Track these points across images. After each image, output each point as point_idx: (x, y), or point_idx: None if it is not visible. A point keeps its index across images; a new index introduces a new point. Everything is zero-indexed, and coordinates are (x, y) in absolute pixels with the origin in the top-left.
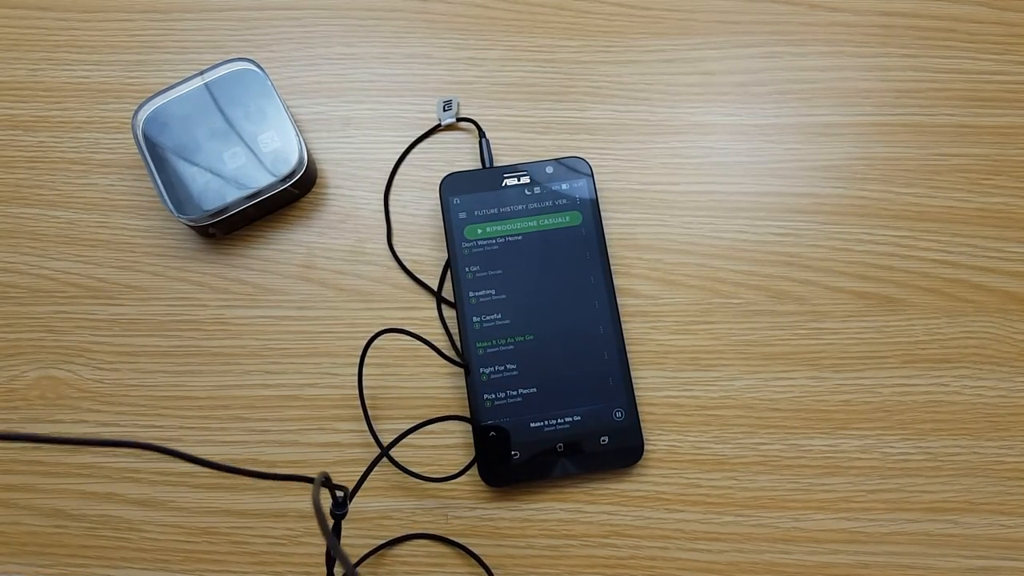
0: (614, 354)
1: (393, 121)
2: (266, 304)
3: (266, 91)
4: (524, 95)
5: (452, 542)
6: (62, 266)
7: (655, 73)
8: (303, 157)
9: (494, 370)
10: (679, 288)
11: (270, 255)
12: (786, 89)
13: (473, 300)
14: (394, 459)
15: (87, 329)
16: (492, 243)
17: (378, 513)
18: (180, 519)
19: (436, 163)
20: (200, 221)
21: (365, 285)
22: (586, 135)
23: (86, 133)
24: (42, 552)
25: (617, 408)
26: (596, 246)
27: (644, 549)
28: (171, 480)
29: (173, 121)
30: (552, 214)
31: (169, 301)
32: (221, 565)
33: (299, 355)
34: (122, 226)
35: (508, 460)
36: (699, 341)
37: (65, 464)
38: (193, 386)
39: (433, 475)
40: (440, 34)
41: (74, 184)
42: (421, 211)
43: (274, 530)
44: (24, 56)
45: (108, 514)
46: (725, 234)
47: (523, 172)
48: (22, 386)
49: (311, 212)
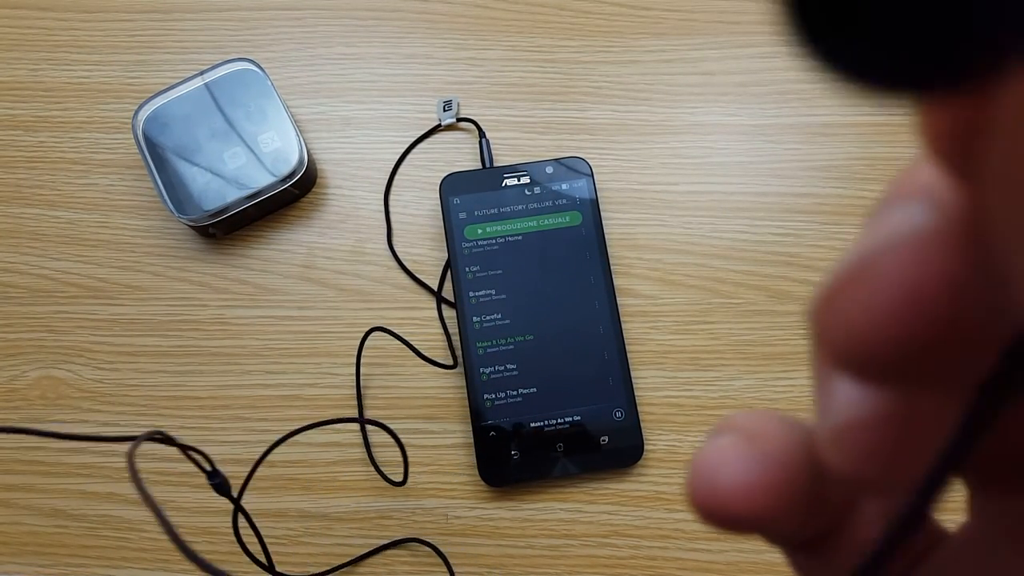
0: (614, 354)
1: (393, 121)
2: (266, 304)
3: (266, 91)
4: (524, 95)
5: (436, 549)
6: (62, 266)
7: (655, 73)
8: (303, 157)
9: (494, 370)
10: (679, 288)
11: (270, 255)
12: (786, 89)
13: (473, 300)
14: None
15: (87, 329)
16: (492, 243)
17: (378, 513)
18: (180, 519)
19: (436, 163)
20: (200, 221)
21: (365, 285)
22: (586, 135)
23: (86, 133)
24: (42, 552)
25: (617, 408)
26: (596, 246)
27: (644, 549)
28: (171, 480)
29: (173, 121)
30: (552, 214)
31: (169, 301)
32: (221, 565)
33: (299, 355)
34: (122, 226)
35: (508, 460)
36: (699, 341)
37: (65, 464)
38: (193, 386)
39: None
40: (440, 34)
41: (74, 184)
42: (421, 211)
43: (274, 530)
44: (24, 56)
45: (108, 514)
46: (725, 234)
47: (523, 172)
48: (22, 386)
49: (311, 212)
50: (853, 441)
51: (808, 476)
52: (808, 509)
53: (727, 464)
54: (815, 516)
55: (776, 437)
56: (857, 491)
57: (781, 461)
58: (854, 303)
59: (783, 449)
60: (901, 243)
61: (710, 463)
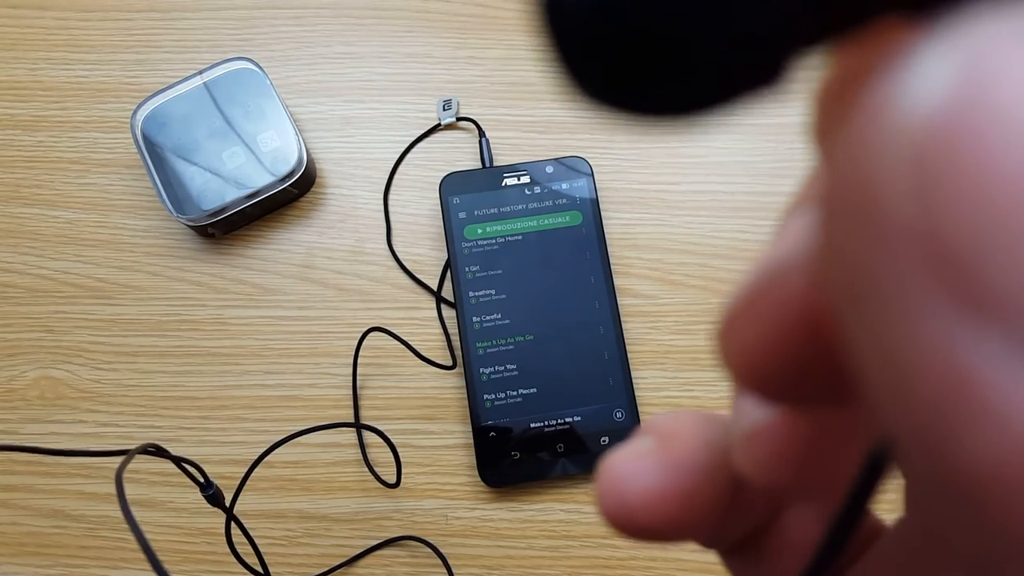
0: (614, 354)
1: (393, 121)
2: (266, 304)
3: (265, 91)
4: (524, 95)
5: (434, 548)
6: (61, 266)
7: None
8: (302, 157)
9: (494, 370)
10: (679, 288)
11: (270, 255)
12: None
13: (473, 300)
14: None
15: (86, 329)
16: (492, 243)
17: (377, 514)
18: (180, 519)
19: (436, 163)
20: (199, 221)
21: (365, 285)
22: (586, 135)
23: (85, 133)
24: (42, 552)
25: (617, 408)
26: (596, 246)
27: (644, 549)
28: (171, 480)
29: (172, 121)
30: (552, 214)
31: (168, 301)
32: (221, 565)
33: (298, 355)
34: (121, 226)
35: (508, 460)
36: (699, 341)
37: (65, 464)
38: (192, 386)
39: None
40: (440, 34)
41: (73, 184)
42: (421, 211)
43: (273, 531)
44: (23, 56)
45: (108, 514)
46: (725, 234)
47: (523, 172)
48: (21, 386)
49: (311, 212)
50: (759, 448)
51: (723, 479)
52: (726, 513)
53: (634, 472)
54: (736, 519)
55: (689, 440)
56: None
57: (691, 466)
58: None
59: (695, 453)
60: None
61: (618, 471)
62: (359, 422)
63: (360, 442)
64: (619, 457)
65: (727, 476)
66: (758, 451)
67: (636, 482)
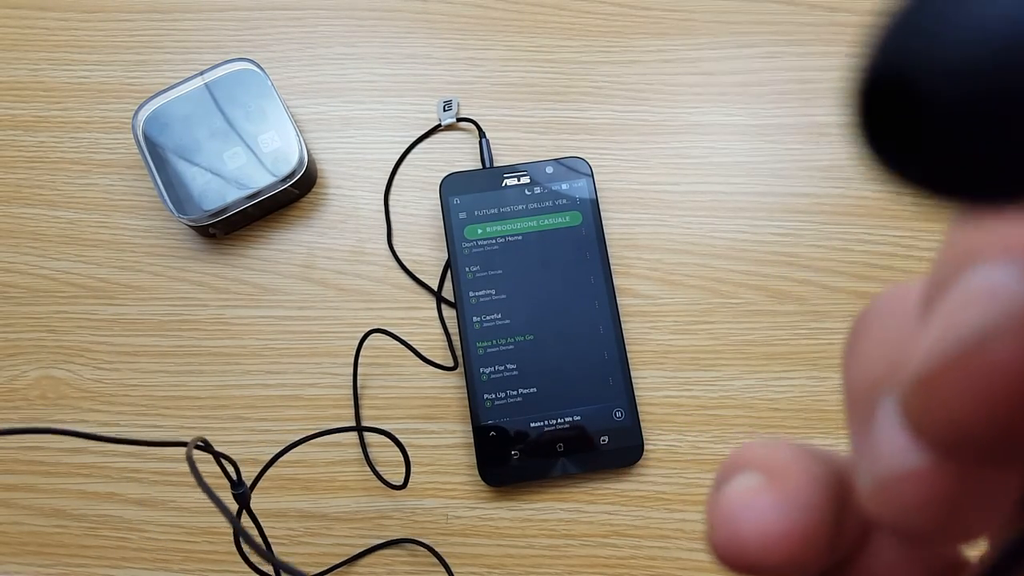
0: (614, 354)
1: (393, 121)
2: (266, 304)
3: (266, 91)
4: (524, 95)
5: (432, 550)
6: (62, 266)
7: (655, 73)
8: (303, 157)
9: (494, 370)
10: (679, 288)
11: (270, 255)
12: (786, 89)
13: (473, 300)
14: None
15: (87, 329)
16: (492, 243)
17: (378, 513)
18: (180, 519)
19: (436, 163)
20: (200, 221)
21: (365, 285)
22: (586, 135)
23: (86, 133)
24: (42, 552)
25: (617, 408)
26: (596, 246)
27: (644, 549)
28: (171, 480)
29: (173, 121)
30: (552, 214)
31: (169, 301)
32: (221, 565)
33: (299, 355)
34: (122, 226)
35: (508, 460)
36: (699, 341)
37: (65, 464)
38: (193, 386)
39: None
40: (440, 34)
41: (74, 184)
42: (421, 211)
43: (274, 530)
44: (24, 56)
45: (108, 514)
46: (725, 234)
47: (523, 172)
48: (22, 386)
49: (311, 212)
50: (907, 493)
51: (832, 516)
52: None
53: (750, 511)
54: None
55: (799, 477)
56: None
57: (806, 505)
58: (958, 390)
59: (807, 491)
60: (1007, 324)
61: (732, 509)
62: (368, 425)
63: (362, 443)
64: (732, 492)
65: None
66: (905, 497)
67: (753, 520)
